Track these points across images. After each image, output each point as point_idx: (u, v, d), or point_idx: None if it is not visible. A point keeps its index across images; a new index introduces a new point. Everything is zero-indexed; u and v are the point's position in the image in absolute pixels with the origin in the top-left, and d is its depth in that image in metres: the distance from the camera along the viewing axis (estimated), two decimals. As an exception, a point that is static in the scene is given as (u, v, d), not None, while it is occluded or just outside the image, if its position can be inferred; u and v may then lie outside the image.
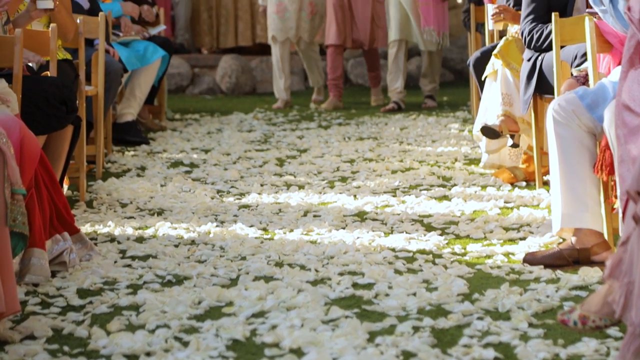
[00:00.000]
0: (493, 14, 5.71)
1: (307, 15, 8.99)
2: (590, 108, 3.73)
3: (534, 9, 5.07)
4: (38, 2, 4.22)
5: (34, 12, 4.30)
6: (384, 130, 7.60)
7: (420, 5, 8.72)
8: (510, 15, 5.67)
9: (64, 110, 4.20)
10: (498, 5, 5.80)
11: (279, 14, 8.94)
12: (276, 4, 8.97)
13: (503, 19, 5.68)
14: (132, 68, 6.79)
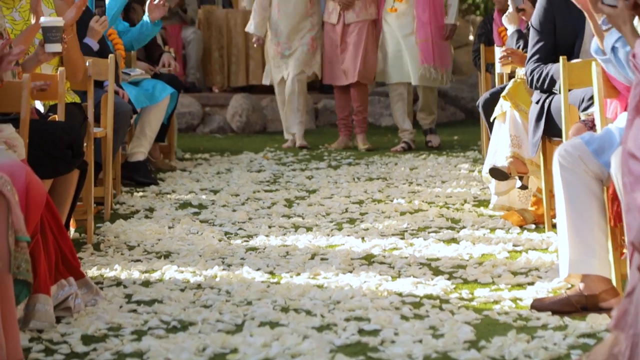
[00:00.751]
0: (501, 57, 5.74)
1: (308, 49, 8.90)
2: (597, 154, 3.71)
3: (539, 49, 5.08)
4: (46, 46, 4.23)
5: (42, 55, 4.31)
6: (393, 170, 7.59)
7: (420, 42, 8.62)
8: (518, 58, 5.69)
9: (70, 154, 4.20)
10: (506, 49, 5.81)
11: (280, 54, 8.92)
12: (277, 44, 8.93)
13: (511, 62, 5.70)
14: (141, 106, 6.82)
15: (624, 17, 3.30)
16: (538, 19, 5.14)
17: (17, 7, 5.09)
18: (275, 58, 8.95)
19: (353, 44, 8.74)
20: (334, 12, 8.79)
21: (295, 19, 8.82)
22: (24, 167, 3.47)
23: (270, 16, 8.87)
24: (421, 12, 8.57)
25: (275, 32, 8.87)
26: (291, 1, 8.80)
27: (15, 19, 5.08)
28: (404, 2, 8.60)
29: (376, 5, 8.80)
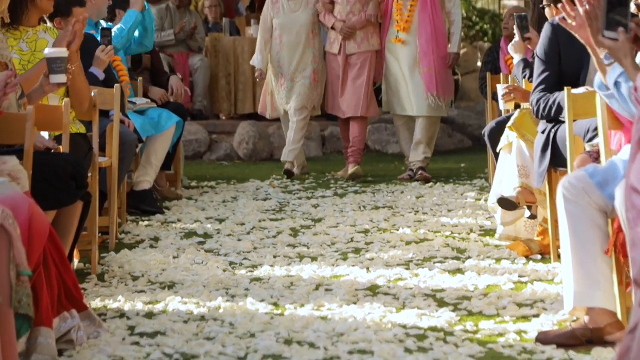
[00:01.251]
0: (503, 94, 5.73)
1: (310, 82, 8.82)
2: (601, 186, 3.70)
3: (545, 79, 5.08)
4: (51, 77, 4.24)
5: (47, 86, 4.32)
6: (400, 198, 7.58)
7: (423, 72, 8.54)
8: (521, 94, 5.70)
9: (74, 185, 4.20)
10: (508, 85, 5.81)
11: (283, 87, 8.85)
12: (279, 76, 8.87)
13: (513, 98, 5.70)
14: (147, 135, 6.82)
15: (625, 51, 3.29)
16: (543, 48, 5.14)
17: (24, 38, 5.14)
18: (279, 90, 8.88)
19: (354, 77, 8.69)
20: (335, 42, 8.75)
21: (298, 50, 8.79)
22: (27, 199, 3.47)
23: (272, 47, 8.86)
24: (424, 42, 8.51)
25: (277, 63, 8.85)
26: (293, 32, 8.78)
27: (23, 50, 5.12)
28: (407, 32, 8.55)
29: (379, 36, 8.76)
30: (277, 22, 8.81)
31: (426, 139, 8.67)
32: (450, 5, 8.65)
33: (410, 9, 8.51)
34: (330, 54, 8.82)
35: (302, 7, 8.81)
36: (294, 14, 8.80)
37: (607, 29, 3.27)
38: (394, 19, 8.58)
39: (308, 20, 8.77)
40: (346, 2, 8.63)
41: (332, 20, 8.64)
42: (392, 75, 8.68)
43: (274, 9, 8.85)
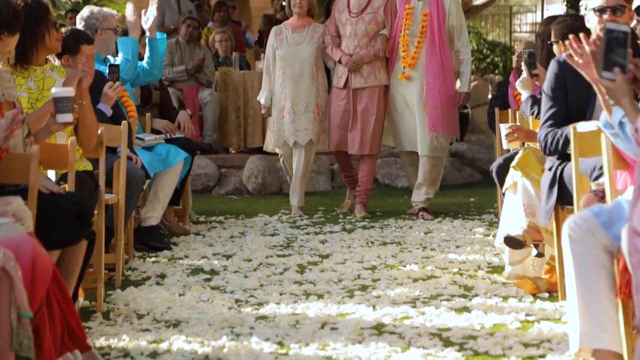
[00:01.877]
0: (507, 134, 5.72)
1: (314, 116, 8.72)
2: (606, 226, 3.68)
3: (552, 114, 5.08)
4: (57, 116, 4.27)
5: (53, 126, 4.35)
6: (408, 234, 7.56)
7: (429, 110, 8.38)
8: (524, 133, 5.69)
9: (78, 224, 4.21)
10: (511, 125, 5.81)
11: (285, 118, 8.73)
12: (281, 108, 8.75)
13: (517, 138, 5.70)
14: (155, 171, 6.83)
15: (622, 91, 3.29)
16: (550, 84, 5.14)
17: (32, 77, 5.17)
18: (280, 122, 8.76)
19: (362, 112, 8.56)
20: (342, 76, 8.61)
21: (301, 83, 8.68)
22: (30, 240, 3.48)
23: (274, 79, 8.78)
24: (431, 80, 8.35)
25: (280, 95, 8.74)
26: (296, 64, 8.68)
27: (31, 88, 5.16)
28: (413, 69, 8.41)
29: (386, 70, 8.61)
30: (280, 53, 8.74)
31: (429, 181, 8.53)
32: (459, 44, 8.50)
33: (418, 45, 8.39)
34: (336, 88, 8.69)
35: (307, 39, 8.74)
36: (297, 47, 8.73)
37: (605, 69, 3.28)
38: (400, 55, 8.47)
39: (312, 53, 8.69)
40: (354, 35, 8.53)
41: (338, 54, 8.55)
42: (397, 111, 8.56)
43: (278, 40, 8.78)
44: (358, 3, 8.56)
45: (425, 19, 8.38)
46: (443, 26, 8.40)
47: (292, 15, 8.81)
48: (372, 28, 8.51)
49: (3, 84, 4.21)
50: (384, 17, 8.53)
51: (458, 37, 8.47)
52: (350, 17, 8.55)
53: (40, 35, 5.06)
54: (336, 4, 8.75)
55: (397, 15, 8.50)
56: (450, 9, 8.42)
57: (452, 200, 9.70)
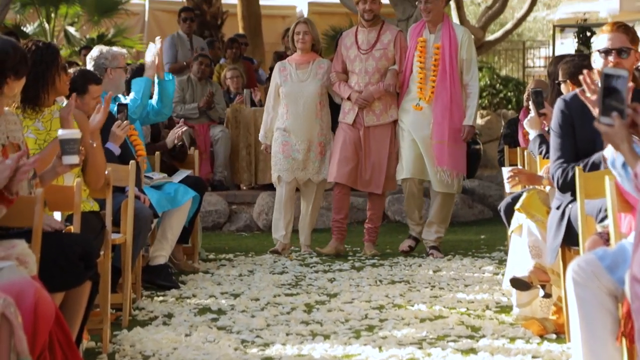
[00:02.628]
0: (508, 177, 5.70)
1: (315, 155, 8.59)
2: (610, 270, 3.67)
3: (562, 151, 5.06)
4: (63, 158, 4.28)
5: (59, 167, 4.36)
6: (417, 272, 7.54)
7: (434, 144, 8.31)
8: (526, 177, 5.69)
9: (82, 266, 4.22)
10: (512, 169, 5.80)
11: (285, 154, 8.57)
12: (282, 143, 8.58)
13: (518, 181, 5.68)
14: (163, 210, 6.84)
15: (621, 136, 3.28)
16: (557, 121, 5.14)
17: (39, 118, 5.20)
18: (279, 156, 8.60)
19: (375, 150, 8.45)
20: (350, 112, 8.48)
21: (305, 121, 8.53)
22: (33, 284, 3.49)
23: (277, 115, 8.63)
24: (439, 113, 8.28)
25: (282, 132, 8.58)
26: (300, 102, 8.52)
27: (39, 129, 5.19)
28: (429, 102, 8.31)
29: (396, 106, 8.51)
30: (284, 90, 8.59)
31: (440, 218, 8.47)
32: (468, 77, 8.38)
33: (433, 79, 8.31)
34: (344, 124, 8.53)
35: (311, 76, 8.59)
36: (301, 83, 8.57)
37: (603, 114, 3.27)
38: (417, 87, 8.34)
39: (316, 90, 8.53)
40: (364, 72, 8.44)
41: (347, 91, 8.43)
42: (404, 142, 8.43)
43: (281, 76, 8.63)
44: (367, 39, 8.50)
45: (437, 52, 8.33)
46: (455, 60, 8.34)
47: (296, 51, 8.69)
48: (382, 64, 8.46)
49: (8, 126, 4.23)
50: (394, 53, 8.47)
51: (467, 71, 8.40)
52: (359, 54, 8.49)
53: (51, 79, 5.11)
54: (343, 40, 8.68)
55: (406, 49, 8.47)
56: (463, 41, 8.38)
57: (463, 237, 9.68)
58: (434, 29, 8.40)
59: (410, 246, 8.54)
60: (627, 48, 4.82)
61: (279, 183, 8.68)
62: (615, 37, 4.83)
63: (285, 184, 8.61)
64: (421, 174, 8.44)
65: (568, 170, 4.94)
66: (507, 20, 23.13)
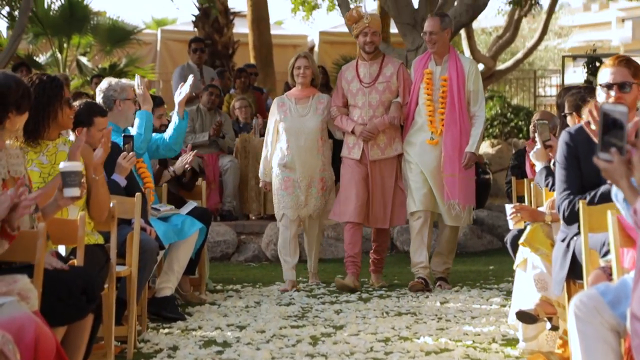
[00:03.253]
0: (511, 214, 5.69)
1: (317, 191, 8.43)
2: (612, 305, 3.64)
3: (568, 183, 5.05)
4: (65, 190, 4.27)
5: (61, 200, 4.35)
6: (424, 303, 7.51)
7: (445, 178, 8.19)
8: (528, 213, 5.67)
9: (84, 300, 4.22)
10: (514, 205, 5.77)
11: (288, 191, 8.41)
12: (284, 180, 8.42)
13: (521, 218, 5.66)
14: (170, 242, 6.85)
15: (620, 172, 3.27)
16: (562, 153, 5.13)
17: (44, 151, 5.23)
18: (283, 194, 8.44)
19: (382, 184, 8.33)
20: (355, 147, 8.35)
21: (307, 156, 8.37)
22: (33, 320, 3.49)
23: (278, 150, 8.48)
24: (449, 146, 8.18)
25: (283, 168, 8.41)
26: (302, 137, 8.37)
27: (43, 163, 5.22)
28: (439, 134, 8.22)
29: (401, 139, 8.40)
30: (284, 125, 8.42)
31: (448, 250, 8.42)
32: (475, 108, 8.31)
33: (441, 112, 8.23)
34: (349, 159, 8.39)
35: (311, 111, 8.44)
36: (302, 118, 8.41)
37: (602, 150, 3.27)
38: (427, 120, 8.25)
39: (317, 125, 8.39)
40: (367, 105, 8.34)
41: (351, 124, 8.30)
42: (411, 176, 8.29)
43: (281, 112, 8.46)
44: (369, 72, 8.41)
45: (445, 84, 8.24)
46: (463, 91, 8.25)
47: (295, 85, 8.53)
48: (386, 97, 8.36)
49: (10, 160, 4.25)
50: (398, 85, 8.38)
51: (475, 102, 8.32)
52: (362, 87, 8.39)
53: (53, 113, 5.14)
54: (343, 74, 8.58)
55: (409, 81, 8.39)
56: (470, 72, 8.31)
57: (471, 267, 9.66)
58: (440, 61, 8.34)
59: (422, 284, 8.16)
60: (629, 82, 4.82)
61: (282, 220, 8.51)
62: (617, 72, 4.83)
63: (290, 222, 8.45)
64: (431, 206, 8.31)
65: (574, 202, 4.93)
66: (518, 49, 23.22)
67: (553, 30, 30.03)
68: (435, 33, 8.29)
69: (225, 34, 19.67)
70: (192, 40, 13.17)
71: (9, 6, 17.33)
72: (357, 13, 8.45)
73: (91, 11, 19.56)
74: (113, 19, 19.89)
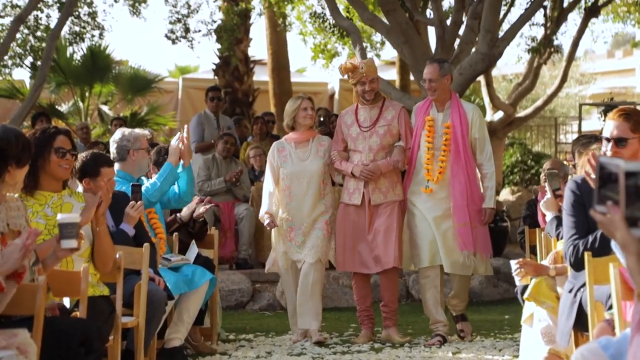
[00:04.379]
0: (515, 270, 5.63)
1: (322, 234, 8.07)
2: (614, 359, 3.61)
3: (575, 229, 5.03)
4: (62, 242, 4.28)
5: (59, 252, 4.36)
6: (436, 354, 7.44)
7: (457, 227, 7.88)
8: (532, 268, 5.62)
9: (82, 352, 4.21)
10: (518, 261, 5.68)
11: (290, 236, 8.09)
12: (287, 230, 8.11)
13: (526, 273, 5.59)
14: (179, 292, 6.83)
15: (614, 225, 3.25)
16: (569, 201, 5.12)
17: (49, 203, 5.26)
18: (286, 243, 8.11)
19: (385, 228, 7.98)
20: (355, 192, 8.06)
21: (309, 201, 8.06)
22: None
23: (280, 199, 8.19)
24: (458, 195, 7.90)
25: (286, 215, 8.11)
26: (303, 182, 8.07)
27: (48, 215, 5.24)
28: (438, 182, 7.95)
29: (402, 184, 8.12)
30: (284, 171, 8.12)
31: (462, 292, 8.16)
32: (481, 157, 8.04)
33: (442, 159, 7.95)
34: (350, 206, 8.09)
35: (312, 155, 8.17)
36: (302, 163, 8.12)
37: (598, 203, 3.25)
38: (424, 168, 7.98)
39: (319, 169, 8.09)
40: (368, 149, 8.06)
41: (350, 166, 8.04)
42: (418, 227, 8.00)
43: (281, 157, 8.17)
44: (369, 116, 8.13)
45: (448, 132, 7.99)
46: (467, 139, 8.00)
47: (295, 129, 8.20)
48: (387, 141, 8.07)
49: (9, 213, 4.27)
50: (399, 128, 8.11)
51: (481, 150, 8.05)
52: (361, 131, 8.11)
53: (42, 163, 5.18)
54: (342, 118, 8.30)
55: (410, 125, 8.14)
56: (474, 120, 8.05)
57: (487, 317, 9.58)
58: (442, 108, 8.10)
59: (440, 342, 7.90)
60: (625, 138, 4.83)
61: (285, 269, 8.20)
62: (616, 126, 4.84)
63: (292, 270, 8.18)
64: (440, 259, 7.97)
65: (579, 247, 4.91)
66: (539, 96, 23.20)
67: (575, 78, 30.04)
68: (434, 80, 8.02)
69: (245, 81, 19.83)
70: (208, 89, 13.25)
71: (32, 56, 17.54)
72: (351, 64, 8.15)
73: (113, 60, 19.78)
74: (134, 68, 20.10)
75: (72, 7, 15.71)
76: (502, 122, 18.28)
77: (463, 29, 12.85)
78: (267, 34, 20.40)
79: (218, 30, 18.23)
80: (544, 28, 17.70)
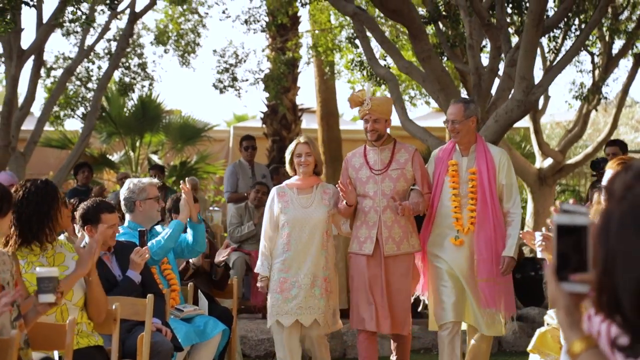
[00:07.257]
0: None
1: (321, 292, 7.34)
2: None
3: None
4: (40, 296, 4.33)
5: (39, 306, 4.41)
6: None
7: (480, 283, 7.18)
8: (552, 244, 5.41)
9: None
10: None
11: (284, 294, 7.33)
12: (279, 281, 7.36)
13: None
14: (190, 343, 6.81)
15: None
16: None
17: (43, 254, 5.31)
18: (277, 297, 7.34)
19: (395, 285, 7.27)
20: (367, 241, 7.32)
21: (309, 252, 7.33)
22: None
23: (276, 246, 7.45)
24: (483, 248, 7.19)
25: (281, 265, 7.36)
26: (305, 231, 7.36)
27: (43, 264, 5.29)
28: (468, 233, 7.25)
29: (417, 235, 7.42)
30: (285, 218, 7.39)
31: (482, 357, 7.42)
32: (508, 205, 7.31)
33: (472, 209, 7.27)
34: (360, 256, 7.35)
35: (315, 202, 7.45)
36: (305, 210, 7.40)
37: None
38: (452, 217, 7.30)
39: (323, 218, 7.38)
40: (381, 194, 7.36)
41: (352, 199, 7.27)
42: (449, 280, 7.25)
43: (281, 202, 7.45)
44: (380, 159, 7.42)
45: (474, 177, 7.32)
46: (494, 185, 7.30)
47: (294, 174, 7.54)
48: (401, 185, 7.36)
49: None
50: (413, 173, 7.41)
51: (508, 198, 7.32)
52: (372, 175, 7.39)
53: (55, 216, 5.25)
54: (349, 161, 7.56)
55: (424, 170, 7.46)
56: (501, 165, 7.35)
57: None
58: (467, 152, 7.43)
59: None
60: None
61: (277, 329, 7.39)
62: (612, 175, 4.76)
63: (287, 330, 7.35)
64: (462, 315, 7.27)
65: None
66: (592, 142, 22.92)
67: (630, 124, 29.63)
68: (458, 121, 7.33)
69: (293, 129, 19.92)
70: (242, 138, 13.29)
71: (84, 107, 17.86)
72: (357, 97, 7.41)
73: (163, 110, 20.06)
74: (184, 117, 20.35)
75: (119, 58, 16.02)
76: (552, 169, 18.11)
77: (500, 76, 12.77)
78: (316, 82, 20.49)
79: (265, 79, 18.37)
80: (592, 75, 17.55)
